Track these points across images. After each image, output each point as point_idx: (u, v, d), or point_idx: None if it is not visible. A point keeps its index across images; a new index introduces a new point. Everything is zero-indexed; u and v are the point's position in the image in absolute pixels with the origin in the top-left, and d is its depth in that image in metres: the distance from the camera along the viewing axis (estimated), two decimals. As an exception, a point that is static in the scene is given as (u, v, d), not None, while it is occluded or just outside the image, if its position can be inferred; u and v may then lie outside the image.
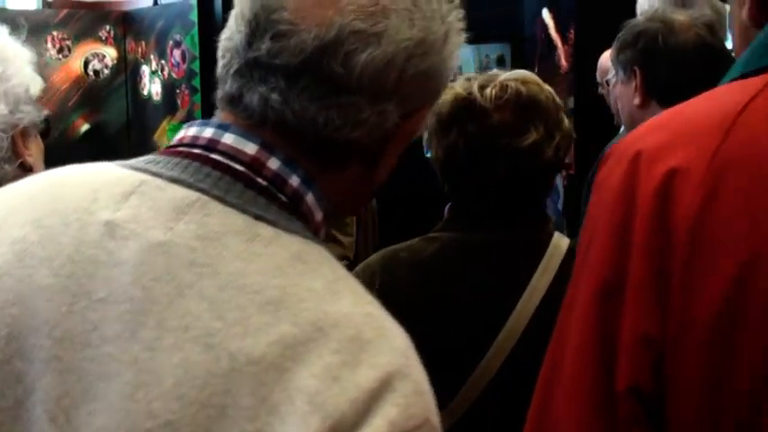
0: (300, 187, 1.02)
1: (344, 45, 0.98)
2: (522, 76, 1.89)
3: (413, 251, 1.91)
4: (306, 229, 1.01)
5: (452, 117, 1.86)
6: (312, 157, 1.03)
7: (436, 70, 1.06)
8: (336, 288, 0.95)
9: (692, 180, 0.91)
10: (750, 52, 0.98)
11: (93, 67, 6.19)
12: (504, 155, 1.81)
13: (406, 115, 1.05)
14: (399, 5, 1.02)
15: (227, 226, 0.96)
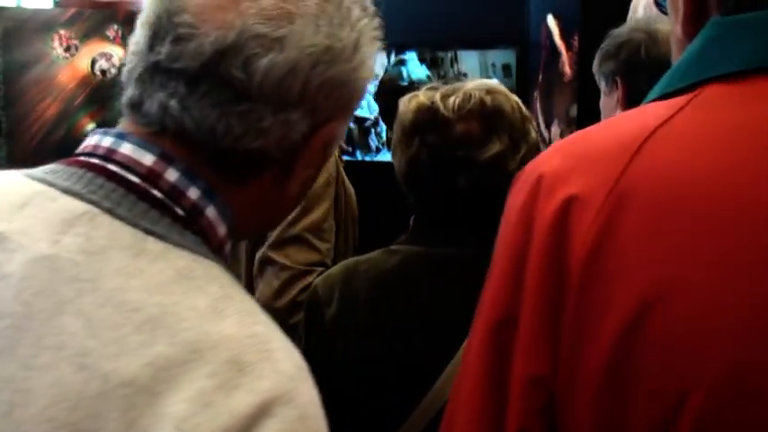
0: (200, 200, 0.98)
1: (244, 50, 0.94)
2: (488, 86, 1.84)
3: (374, 263, 1.86)
4: (202, 245, 0.97)
5: (415, 127, 1.81)
6: (214, 167, 0.99)
7: (346, 79, 1.02)
8: (221, 307, 0.90)
9: (589, 209, 0.83)
10: (671, 72, 0.91)
11: (99, 67, 6.17)
12: (464, 167, 1.76)
13: (316, 126, 1.01)
14: (305, 10, 0.98)
15: (113, 240, 0.92)
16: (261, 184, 1.03)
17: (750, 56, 0.82)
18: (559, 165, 0.88)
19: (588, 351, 0.81)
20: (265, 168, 1.02)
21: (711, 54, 0.86)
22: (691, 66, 0.88)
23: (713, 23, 0.88)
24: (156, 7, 0.99)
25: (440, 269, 1.81)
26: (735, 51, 0.83)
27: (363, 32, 1.03)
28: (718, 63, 0.84)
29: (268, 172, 1.02)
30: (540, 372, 0.84)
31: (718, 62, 0.85)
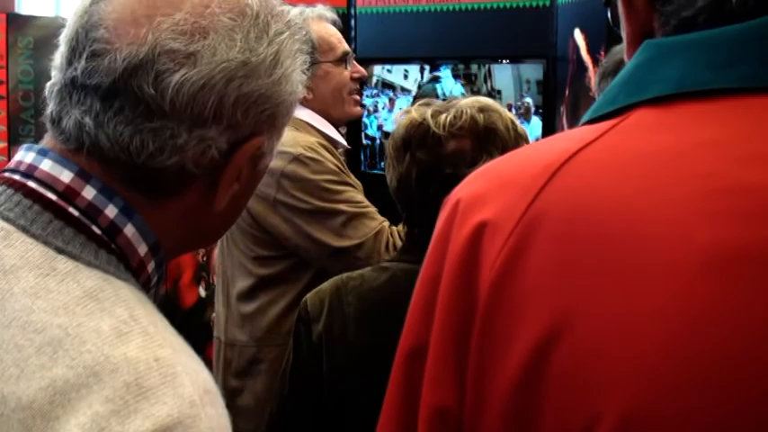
0: (117, 218, 0.97)
1: (156, 65, 0.93)
2: (481, 104, 1.83)
3: (364, 280, 1.87)
4: (117, 264, 0.96)
5: (406, 144, 1.82)
6: (132, 184, 0.98)
7: (266, 94, 1.00)
8: (125, 329, 0.88)
9: (500, 235, 0.80)
10: (603, 95, 0.88)
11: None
12: (454, 184, 1.72)
13: (237, 142, 1.00)
14: (219, 25, 0.96)
15: (24, 259, 0.91)
16: (184, 200, 1.02)
17: (675, 80, 0.80)
18: (477, 189, 0.87)
19: (494, 381, 0.78)
20: (187, 185, 1.00)
21: (640, 77, 0.84)
22: (621, 89, 0.85)
23: (645, 46, 0.86)
24: (76, 23, 0.98)
25: None
26: (662, 75, 0.81)
27: (284, 46, 1.02)
28: (646, 87, 0.82)
29: (191, 188, 1.01)
30: (446, 403, 0.82)
31: (645, 86, 0.82)
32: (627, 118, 0.82)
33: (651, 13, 0.86)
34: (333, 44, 2.69)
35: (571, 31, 4.44)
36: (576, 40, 4.40)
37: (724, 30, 0.79)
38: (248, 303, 2.63)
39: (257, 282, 2.61)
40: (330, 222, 2.46)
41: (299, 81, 1.06)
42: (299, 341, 1.89)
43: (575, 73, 4.43)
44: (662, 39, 0.85)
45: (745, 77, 0.77)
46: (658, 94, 0.80)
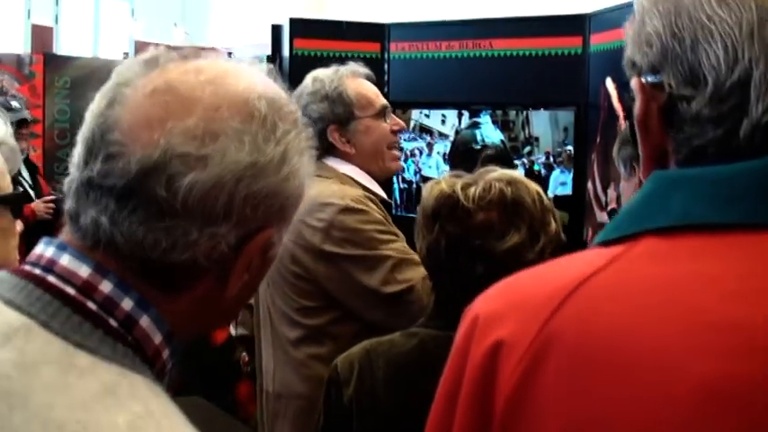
0: (134, 310, 1.00)
1: (168, 168, 0.97)
2: (509, 177, 1.86)
3: (392, 345, 1.90)
4: (133, 356, 0.99)
5: (435, 214, 1.85)
6: (147, 278, 1.01)
7: (275, 190, 1.03)
8: (139, 425, 0.91)
9: (514, 354, 0.86)
10: (613, 220, 0.94)
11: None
12: (482, 257, 1.79)
13: (247, 236, 1.03)
14: (229, 128, 1.00)
15: (45, 354, 0.94)
16: (195, 291, 1.04)
17: (681, 212, 0.86)
18: (495, 306, 0.93)
19: None
20: (199, 278, 1.03)
21: (648, 207, 0.90)
22: (630, 216, 0.91)
23: (654, 177, 0.92)
24: (92, 124, 1.02)
25: None
26: (667, 206, 0.87)
27: (291, 145, 1.05)
28: (653, 217, 0.88)
29: (202, 280, 1.04)
30: None
31: (653, 216, 0.88)
32: (634, 246, 0.87)
33: (665, 137, 0.92)
34: (371, 99, 2.72)
35: (603, 79, 4.46)
36: (607, 89, 4.41)
37: (728, 167, 0.85)
38: (299, 351, 2.63)
39: (305, 332, 2.61)
40: (379, 270, 2.47)
41: (307, 174, 1.09)
42: (330, 404, 1.92)
43: (606, 120, 4.44)
44: (669, 171, 0.91)
45: (745, 213, 0.83)
46: (663, 224, 0.86)
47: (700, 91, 0.87)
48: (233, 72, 1.06)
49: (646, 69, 0.93)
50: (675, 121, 0.90)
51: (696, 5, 0.88)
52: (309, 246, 2.52)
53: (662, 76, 0.90)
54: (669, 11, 0.90)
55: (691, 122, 0.88)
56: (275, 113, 1.04)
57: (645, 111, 0.93)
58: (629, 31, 0.97)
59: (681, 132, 0.89)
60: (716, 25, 0.86)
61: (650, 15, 0.92)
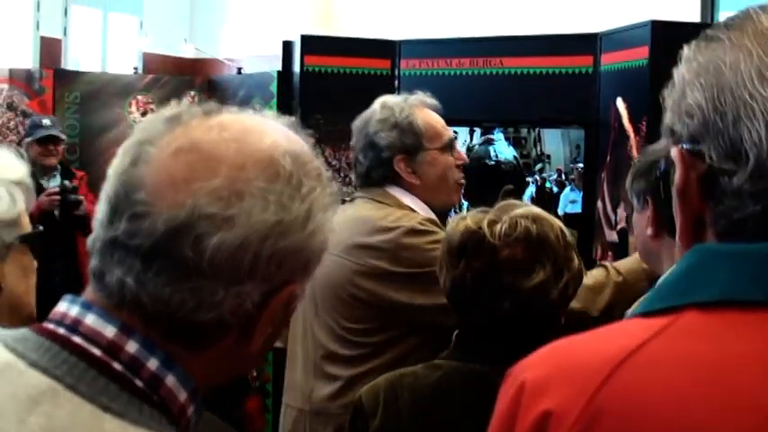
0: (159, 370, 1.01)
1: (195, 229, 0.97)
2: (534, 214, 1.90)
3: (417, 377, 1.92)
4: (159, 417, 1.00)
5: (461, 250, 1.88)
6: (172, 337, 1.02)
7: (300, 247, 1.04)
8: None
9: (562, 427, 0.88)
10: (655, 290, 0.96)
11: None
12: (509, 293, 1.82)
13: (271, 292, 1.03)
14: (255, 188, 1.00)
15: (73, 419, 0.95)
16: (220, 348, 1.05)
17: (724, 288, 0.87)
18: (541, 374, 0.94)
19: None
20: (223, 335, 1.04)
21: (691, 280, 0.91)
22: (672, 289, 0.93)
23: (696, 250, 0.93)
24: (117, 182, 1.02)
25: (481, 386, 1.83)
26: (711, 281, 0.89)
27: (316, 202, 1.05)
28: (696, 290, 0.89)
29: (227, 337, 1.04)
30: None
31: (695, 289, 0.89)
32: (677, 320, 0.89)
33: (703, 206, 0.93)
34: (439, 131, 2.75)
35: (613, 99, 4.47)
36: (618, 108, 4.42)
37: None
38: (345, 371, 2.64)
39: (361, 351, 2.62)
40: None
41: (330, 229, 1.09)
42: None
43: (616, 140, 4.45)
44: (711, 245, 0.92)
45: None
46: (705, 299, 0.88)
47: (741, 166, 0.88)
48: (257, 128, 1.06)
49: (686, 138, 0.94)
50: (715, 193, 0.91)
51: (738, 83, 0.89)
52: (374, 269, 2.54)
53: (702, 146, 0.91)
54: (711, 85, 0.91)
55: (731, 196, 0.89)
56: (300, 170, 1.05)
57: (685, 180, 0.94)
58: (668, 99, 0.98)
59: (720, 204, 0.91)
60: (758, 103, 0.87)
61: (692, 87, 0.93)
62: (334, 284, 2.60)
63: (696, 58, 0.95)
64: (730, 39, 0.92)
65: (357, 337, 2.61)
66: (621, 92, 4.42)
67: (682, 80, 0.95)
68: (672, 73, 0.98)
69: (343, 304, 2.62)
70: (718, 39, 0.93)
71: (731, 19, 0.96)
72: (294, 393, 2.81)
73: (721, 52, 0.92)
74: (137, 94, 6.14)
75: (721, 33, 0.93)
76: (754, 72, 0.88)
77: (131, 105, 6.12)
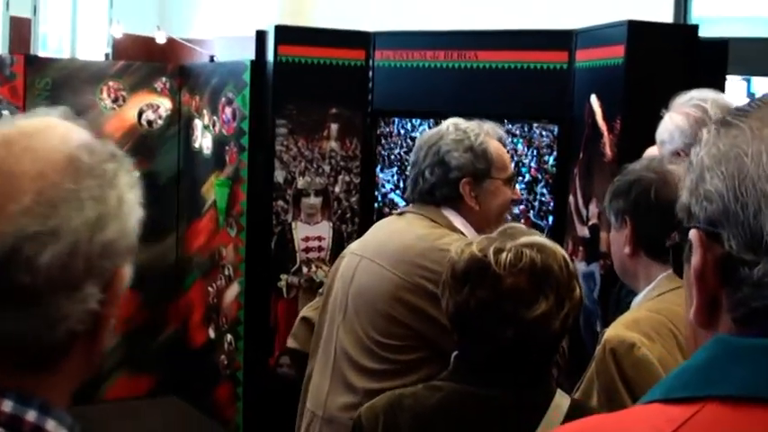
0: (39, 419, 0.99)
1: (23, 252, 0.95)
2: (539, 244, 1.93)
3: (417, 398, 1.95)
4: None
5: (466, 276, 1.92)
6: (27, 368, 1.00)
7: (122, 233, 1.04)
8: None
9: None
10: (675, 376, 0.96)
11: (146, 118, 6.27)
12: (512, 323, 1.86)
13: (107, 284, 1.03)
14: (64, 191, 0.99)
15: None
16: (72, 358, 1.04)
17: (745, 383, 0.88)
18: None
19: None
20: (72, 344, 1.03)
21: (713, 372, 0.91)
22: (694, 378, 0.92)
23: (718, 342, 0.93)
24: None
25: (481, 409, 1.89)
26: (733, 375, 0.89)
27: (122, 183, 1.06)
28: (719, 383, 0.89)
29: (76, 345, 1.04)
30: None
31: (717, 382, 0.90)
32: (700, 411, 0.89)
33: (720, 289, 0.94)
34: (506, 163, 2.79)
35: (587, 96, 4.48)
36: (592, 105, 4.44)
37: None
38: (366, 383, 2.62)
39: (389, 366, 2.61)
40: None
41: (136, 198, 1.09)
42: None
43: (589, 137, 4.47)
44: (733, 338, 0.92)
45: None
46: (728, 393, 0.88)
47: (761, 257, 0.88)
48: (39, 130, 1.04)
49: (704, 221, 0.94)
50: (734, 281, 0.91)
51: (761, 175, 0.89)
52: (422, 287, 2.53)
53: (721, 230, 0.92)
54: (733, 175, 0.91)
55: (751, 285, 0.90)
56: (97, 157, 1.04)
57: (703, 263, 0.95)
58: (686, 178, 0.99)
59: (739, 291, 0.91)
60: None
61: (712, 173, 0.94)
62: (374, 295, 2.59)
63: (716, 143, 0.95)
64: (751, 129, 0.92)
65: (385, 352, 2.59)
66: (596, 89, 4.43)
67: (701, 163, 0.96)
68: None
69: (378, 316, 2.60)
70: (739, 127, 0.93)
71: (750, 105, 0.96)
72: (311, 396, 2.79)
73: (742, 141, 0.92)
74: (108, 81, 6.09)
75: (742, 121, 0.94)
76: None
77: (102, 92, 6.07)
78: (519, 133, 4.83)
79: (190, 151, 6.21)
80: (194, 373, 6.26)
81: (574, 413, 1.88)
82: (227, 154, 5.70)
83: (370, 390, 2.57)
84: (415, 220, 2.71)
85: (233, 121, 5.62)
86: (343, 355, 2.68)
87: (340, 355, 2.69)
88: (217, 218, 5.86)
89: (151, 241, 6.33)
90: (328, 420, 2.69)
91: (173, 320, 6.45)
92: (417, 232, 2.65)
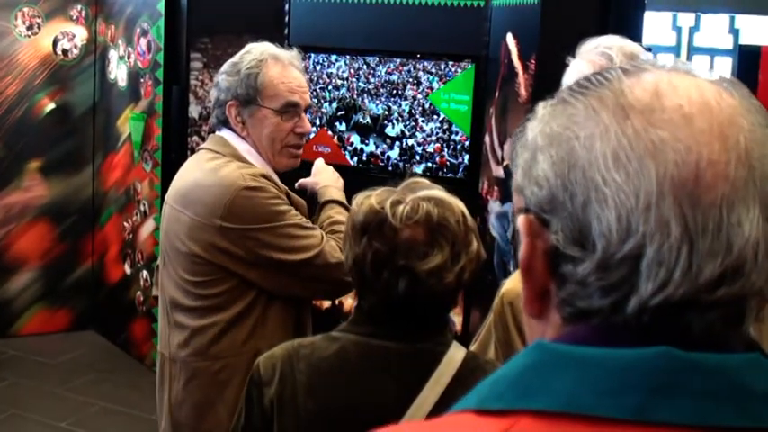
0: None
1: None
2: (437, 197, 1.91)
3: (314, 348, 1.95)
4: None
5: (363, 228, 1.90)
6: None
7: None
8: None
9: None
10: (491, 384, 0.84)
11: (61, 47, 6.12)
12: (405, 275, 1.85)
13: None
14: None
15: None
16: None
17: (566, 397, 0.78)
18: None
19: None
20: None
21: (530, 382, 0.81)
22: (509, 388, 0.82)
23: (538, 347, 0.84)
24: None
25: (376, 360, 1.90)
26: (552, 387, 0.79)
27: None
28: (534, 396, 0.80)
29: None
30: None
31: (533, 394, 0.80)
32: (512, 427, 0.79)
33: (549, 280, 0.86)
34: (278, 93, 2.66)
35: (504, 35, 4.44)
36: (508, 44, 4.40)
37: (618, 353, 0.79)
38: (190, 320, 2.67)
39: (202, 302, 2.64)
40: (281, 241, 2.55)
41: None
42: (251, 403, 1.96)
43: (505, 76, 4.44)
44: (554, 345, 0.83)
45: (631, 409, 0.76)
46: (545, 408, 0.78)
47: (588, 255, 0.80)
48: None
49: (534, 206, 0.86)
50: (560, 277, 0.83)
51: (592, 163, 0.80)
52: (209, 223, 2.54)
53: (550, 219, 0.84)
54: (563, 160, 0.83)
55: (575, 283, 0.82)
56: None
57: (530, 253, 0.85)
58: (520, 155, 0.89)
59: (565, 288, 0.83)
60: (611, 190, 0.79)
61: (543, 155, 0.85)
62: (174, 237, 2.63)
63: (550, 122, 0.86)
64: (587, 109, 0.84)
65: (198, 289, 2.63)
66: (512, 28, 4.39)
67: (534, 142, 0.86)
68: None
69: (182, 257, 2.63)
70: (575, 106, 0.84)
71: (595, 80, 0.86)
72: (159, 338, 2.87)
73: (576, 122, 0.83)
74: (23, 6, 5.93)
75: (578, 99, 0.85)
76: (609, 154, 0.80)
77: (17, 18, 5.92)
78: (434, 71, 4.77)
79: (105, 83, 6.08)
80: (111, 308, 6.20)
81: (467, 365, 1.89)
82: (142, 87, 5.58)
83: (197, 327, 2.64)
84: (200, 156, 2.71)
85: (148, 53, 5.49)
86: (169, 298, 2.73)
87: (168, 299, 2.74)
88: (132, 152, 5.76)
89: (67, 174, 6.23)
90: (172, 360, 2.73)
91: (89, 255, 6.37)
92: (201, 168, 2.65)
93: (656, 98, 0.81)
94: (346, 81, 4.96)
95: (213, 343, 2.64)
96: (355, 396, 1.89)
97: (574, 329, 0.84)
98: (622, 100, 0.82)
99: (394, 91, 4.87)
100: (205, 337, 2.64)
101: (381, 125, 4.91)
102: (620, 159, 0.79)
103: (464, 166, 4.75)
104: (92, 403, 5.32)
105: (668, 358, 0.77)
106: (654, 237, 0.78)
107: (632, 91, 0.82)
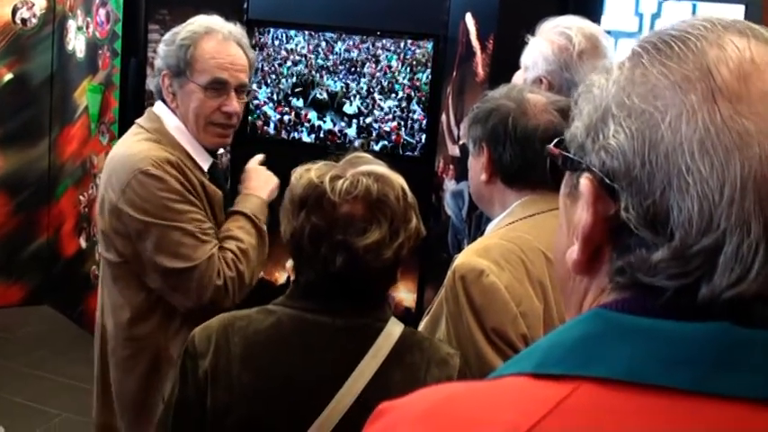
0: None
1: None
2: (377, 173, 1.90)
3: (250, 321, 1.94)
4: None
5: (302, 202, 1.89)
6: None
7: None
8: None
9: None
10: (548, 348, 0.84)
11: (20, 15, 6.04)
12: (343, 251, 1.84)
13: None
14: None
15: None
16: None
17: (626, 365, 0.78)
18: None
19: None
20: None
21: (592, 350, 0.81)
22: (568, 354, 0.82)
23: (596, 316, 0.83)
24: None
25: (311, 335, 1.89)
26: (613, 356, 0.79)
27: None
28: (594, 363, 0.80)
29: None
30: None
31: (593, 361, 0.80)
32: (573, 392, 0.79)
33: (606, 245, 0.85)
34: (207, 68, 2.58)
35: (463, 14, 4.43)
36: (466, 24, 4.39)
37: (684, 326, 0.78)
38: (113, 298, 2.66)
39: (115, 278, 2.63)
40: (164, 241, 2.48)
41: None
42: (186, 375, 1.94)
43: (463, 55, 4.44)
44: (613, 314, 0.83)
45: (696, 381, 0.76)
46: (607, 375, 0.79)
47: (662, 242, 0.79)
48: None
49: (602, 172, 0.83)
50: (625, 252, 0.82)
51: (676, 148, 0.78)
52: (110, 201, 2.52)
53: (619, 189, 0.81)
54: (643, 136, 0.80)
55: (646, 269, 0.80)
56: None
57: (593, 218, 0.84)
58: (582, 105, 0.86)
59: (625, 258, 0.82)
60: (694, 179, 0.77)
61: (617, 124, 0.82)
62: (99, 213, 2.62)
63: (626, 89, 0.83)
64: (674, 86, 0.80)
65: (111, 269, 2.64)
66: (471, 7, 4.38)
67: (606, 106, 0.84)
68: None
69: (101, 236, 2.63)
70: (655, 76, 0.81)
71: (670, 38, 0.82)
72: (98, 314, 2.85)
73: (659, 99, 0.80)
74: (-22, -25, 5.84)
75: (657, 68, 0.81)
76: (696, 141, 0.77)
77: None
78: (393, 49, 4.76)
79: (63, 53, 6.00)
80: (66, 282, 6.15)
81: (405, 341, 1.89)
82: (99, 58, 5.52)
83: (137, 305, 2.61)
84: (129, 132, 2.69)
85: (106, 23, 5.44)
86: (101, 274, 2.73)
87: (101, 275, 2.74)
88: (89, 124, 5.70)
89: (24, 145, 6.16)
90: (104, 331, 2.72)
91: (45, 228, 6.31)
92: (124, 143, 2.64)
93: (743, 83, 0.78)
94: (305, 57, 4.94)
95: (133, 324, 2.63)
96: (289, 369, 1.88)
97: (633, 299, 0.83)
98: (711, 84, 0.79)
99: (352, 68, 4.86)
100: (124, 316, 2.63)
101: (339, 102, 4.90)
102: (705, 148, 0.77)
103: (421, 144, 4.75)
104: (47, 378, 5.28)
105: (730, 333, 0.77)
106: (734, 233, 0.76)
107: (719, 71, 0.79)
